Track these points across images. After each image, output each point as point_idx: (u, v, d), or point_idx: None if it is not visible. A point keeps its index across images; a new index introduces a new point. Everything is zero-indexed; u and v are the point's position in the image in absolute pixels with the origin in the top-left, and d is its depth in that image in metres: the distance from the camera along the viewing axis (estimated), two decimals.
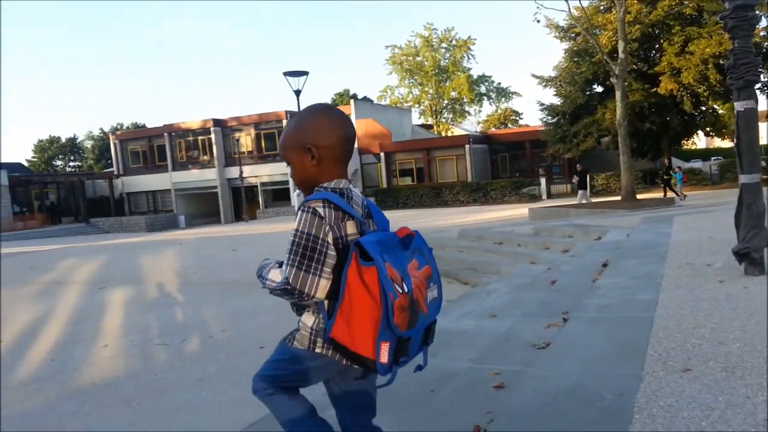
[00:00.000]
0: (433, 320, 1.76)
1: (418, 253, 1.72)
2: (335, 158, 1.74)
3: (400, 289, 1.56)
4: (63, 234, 36.27)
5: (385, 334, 1.55)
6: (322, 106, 1.80)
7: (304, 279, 1.58)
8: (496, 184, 33.11)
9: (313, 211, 1.61)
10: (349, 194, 1.73)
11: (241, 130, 40.79)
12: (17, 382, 6.09)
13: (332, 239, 1.62)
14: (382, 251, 1.58)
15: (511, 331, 4.57)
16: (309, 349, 1.72)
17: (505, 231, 12.90)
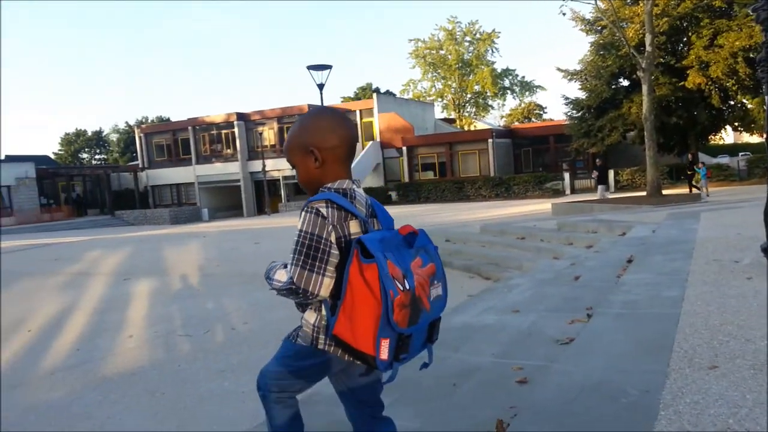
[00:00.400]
0: (437, 317, 1.78)
1: (422, 251, 1.73)
2: (337, 159, 1.76)
3: (402, 287, 1.56)
4: (88, 226, 36.81)
5: (385, 330, 1.56)
6: (323, 109, 1.83)
7: (308, 278, 1.61)
8: (519, 179, 32.87)
9: (315, 212, 1.64)
10: (352, 194, 1.75)
11: (264, 124, 41.01)
12: (43, 372, 6.19)
13: (335, 238, 1.64)
14: (385, 249, 1.60)
15: (534, 326, 4.53)
16: (312, 345, 1.75)
17: (528, 226, 12.80)
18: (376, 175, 38.36)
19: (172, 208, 41.62)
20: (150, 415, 4.69)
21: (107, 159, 76.67)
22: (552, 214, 17.71)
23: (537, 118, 65.77)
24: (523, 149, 37.52)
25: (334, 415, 3.76)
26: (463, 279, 9.63)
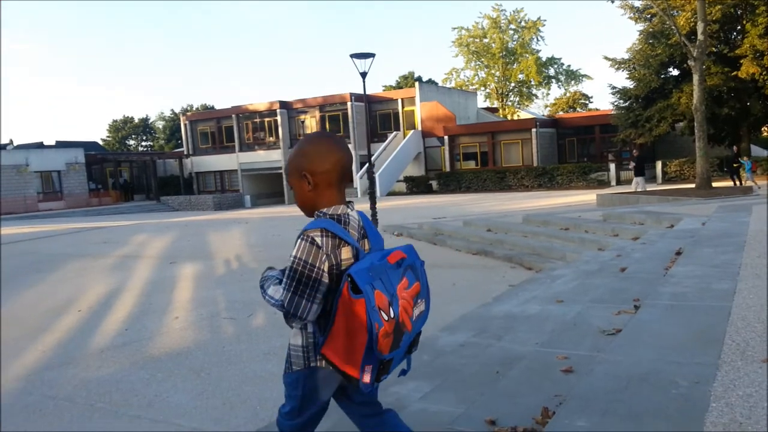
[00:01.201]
0: (418, 331, 1.91)
1: (409, 269, 1.83)
2: (330, 183, 1.84)
3: (386, 317, 1.67)
4: (135, 211, 37.71)
5: (369, 358, 1.68)
6: (318, 134, 1.89)
7: (298, 303, 1.71)
8: (563, 169, 32.34)
9: (311, 241, 1.71)
10: (346, 219, 1.82)
11: (306, 112, 41.26)
12: (93, 350, 6.39)
13: (328, 267, 1.72)
14: (373, 278, 1.68)
15: (579, 316, 4.46)
16: (306, 366, 1.83)
17: (572, 217, 12.60)
18: (417, 164, 38.27)
19: (215, 194, 42.30)
20: (195, 394, 4.80)
21: (153, 146, 78.29)
22: (597, 206, 17.41)
23: (582, 108, 64.55)
24: (568, 139, 36.89)
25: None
26: (505, 269, 9.57)
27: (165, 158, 48.95)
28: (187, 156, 46.00)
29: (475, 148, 36.70)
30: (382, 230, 14.92)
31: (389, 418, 2.06)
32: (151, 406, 4.62)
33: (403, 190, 35.92)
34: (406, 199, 30.29)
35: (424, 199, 29.19)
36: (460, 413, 2.84)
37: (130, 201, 44.06)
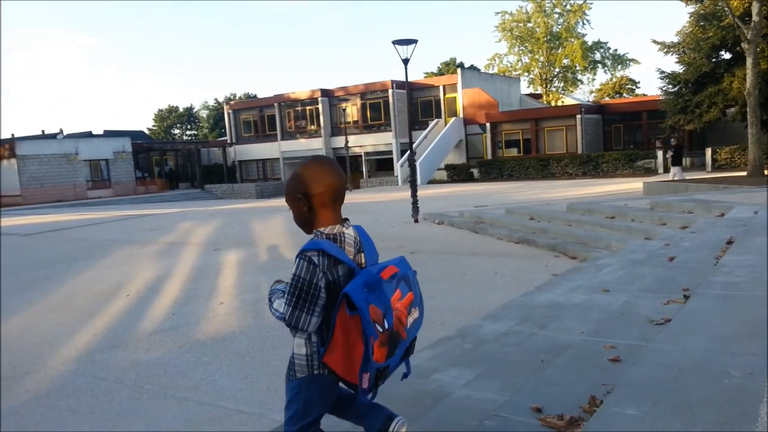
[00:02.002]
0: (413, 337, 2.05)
1: (402, 281, 1.97)
2: (324, 204, 1.96)
3: (381, 328, 1.81)
4: (180, 199, 38.48)
5: (366, 367, 1.81)
6: (313, 158, 2.03)
7: (299, 317, 1.86)
8: (608, 157, 31.66)
9: (309, 260, 1.85)
10: (341, 238, 1.95)
11: (347, 100, 41.35)
12: (142, 334, 6.55)
13: (325, 283, 1.86)
14: (368, 293, 1.81)
15: (627, 306, 4.37)
16: (310, 374, 1.96)
17: (618, 205, 12.34)
18: (458, 152, 38.00)
19: (258, 182, 42.84)
20: (240, 378, 4.88)
21: (197, 134, 79.64)
22: (644, 194, 17.00)
23: (629, 94, 63.00)
24: (614, 126, 36.07)
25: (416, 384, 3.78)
26: (548, 257, 9.43)
27: (209, 147, 49.77)
28: (231, 145, 46.66)
29: (518, 136, 36.22)
30: (423, 218, 14.88)
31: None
32: (198, 389, 4.72)
33: (443, 178, 35.74)
34: (447, 187, 30.13)
35: (465, 187, 29.00)
36: (504, 400, 2.81)
37: (175, 189, 44.98)
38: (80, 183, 39.86)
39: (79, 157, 39.82)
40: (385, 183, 36.79)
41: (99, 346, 6.20)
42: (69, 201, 36.90)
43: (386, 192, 29.70)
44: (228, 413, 4.21)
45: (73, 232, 18.03)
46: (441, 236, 12.42)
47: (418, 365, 4.34)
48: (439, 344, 4.91)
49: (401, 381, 3.43)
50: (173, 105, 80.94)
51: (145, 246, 14.00)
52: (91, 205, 33.73)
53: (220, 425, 4.03)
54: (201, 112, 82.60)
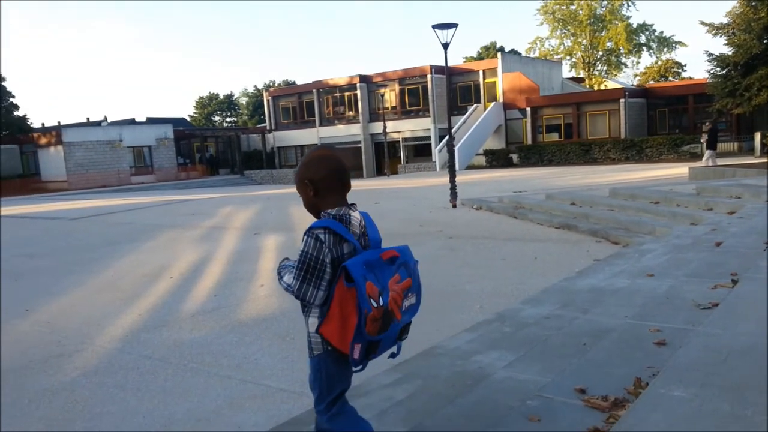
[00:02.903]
0: (408, 321, 2.14)
1: (403, 267, 2.08)
2: (329, 189, 2.11)
3: (375, 304, 1.91)
4: (221, 184, 39.04)
5: (358, 338, 1.92)
6: (317, 148, 2.19)
7: (306, 290, 1.99)
8: (653, 141, 30.89)
9: (315, 237, 1.99)
10: (347, 219, 2.08)
11: (385, 86, 41.22)
12: (185, 314, 6.69)
13: (330, 259, 1.98)
14: (367, 271, 1.94)
15: (672, 290, 4.27)
16: (325, 349, 2.07)
17: (662, 190, 12.07)
18: (497, 137, 37.60)
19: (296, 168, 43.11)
20: (281, 358, 4.94)
21: (237, 121, 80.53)
22: (689, 179, 16.56)
23: (675, 77, 61.29)
24: (658, 110, 35.16)
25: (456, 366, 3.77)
26: (589, 243, 9.28)
27: (248, 133, 50.31)
28: (270, 131, 47.06)
29: (559, 120, 35.62)
30: (461, 204, 14.79)
31: None
32: (240, 368, 4.80)
33: (482, 163, 35.42)
34: (486, 173, 29.87)
35: (504, 173, 28.70)
36: (547, 382, 2.79)
37: (216, 175, 45.64)
38: (124, 169, 40.79)
39: (123, 143, 40.72)
40: (423, 169, 36.65)
41: (144, 325, 6.35)
42: (113, 186, 37.81)
43: (424, 178, 29.61)
44: (270, 391, 4.27)
45: (117, 217, 18.47)
46: (479, 221, 12.33)
47: (457, 347, 4.33)
48: (479, 327, 4.89)
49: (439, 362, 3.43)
50: (214, 92, 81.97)
51: (187, 230, 14.26)
52: (134, 191, 34.49)
53: (261, 403, 4.09)
54: (241, 99, 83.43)
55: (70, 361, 5.34)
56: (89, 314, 7.01)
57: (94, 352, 5.58)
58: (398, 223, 12.82)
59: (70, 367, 5.18)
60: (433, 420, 2.72)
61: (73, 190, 36.71)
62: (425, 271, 8.61)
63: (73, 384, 4.76)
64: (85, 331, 6.30)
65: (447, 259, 8.70)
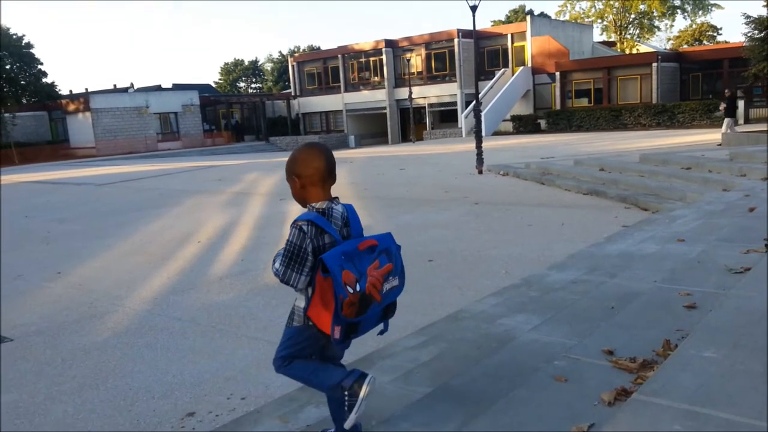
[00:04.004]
0: (391, 301, 2.31)
1: (384, 253, 2.24)
2: (315, 183, 2.26)
3: (352, 290, 2.09)
4: (246, 151, 39.17)
5: (337, 321, 2.12)
6: (306, 145, 2.33)
7: (289, 275, 2.19)
8: (685, 107, 30.13)
9: (299, 228, 2.17)
10: (330, 212, 2.26)
11: (411, 51, 40.66)
12: (213, 278, 6.78)
13: (312, 249, 2.17)
14: (345, 260, 2.11)
15: (703, 255, 4.19)
16: (305, 324, 2.28)
17: (694, 156, 11.81)
18: (525, 102, 37.01)
19: (321, 134, 43.12)
20: None
21: (262, 87, 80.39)
22: (722, 145, 16.19)
23: (710, 41, 59.49)
24: (692, 74, 34.20)
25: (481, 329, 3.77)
26: (618, 209, 9.16)
27: (273, 99, 50.20)
28: (295, 97, 46.92)
29: (589, 85, 34.88)
30: (487, 170, 14.66)
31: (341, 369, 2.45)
32: (267, 329, 4.86)
33: (509, 129, 34.98)
34: (513, 139, 29.51)
35: (531, 139, 28.33)
36: (574, 344, 2.77)
37: (241, 141, 45.77)
38: (151, 135, 41.11)
39: (150, 110, 40.95)
40: (449, 135, 36.34)
41: (173, 288, 6.45)
42: (140, 153, 38.18)
43: (450, 144, 29.37)
44: None
45: (145, 183, 18.69)
46: (505, 187, 12.22)
47: (482, 311, 4.33)
48: (504, 292, 4.87)
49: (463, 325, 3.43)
50: (239, 58, 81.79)
51: (213, 195, 14.38)
52: (161, 157, 34.80)
53: None
54: (266, 65, 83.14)
55: (101, 322, 5.46)
56: (119, 277, 7.14)
57: (124, 313, 5.70)
58: (423, 189, 12.77)
59: (101, 328, 5.29)
60: (459, 380, 2.73)
61: (101, 156, 37.17)
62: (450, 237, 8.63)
63: (104, 344, 4.88)
64: (115, 293, 6.43)
65: (472, 225, 8.66)
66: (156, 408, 3.66)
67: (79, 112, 39.88)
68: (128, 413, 3.62)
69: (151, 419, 3.52)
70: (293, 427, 2.78)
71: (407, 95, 37.35)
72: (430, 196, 11.70)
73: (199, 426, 3.38)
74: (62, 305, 6.09)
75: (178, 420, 3.48)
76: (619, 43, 50.34)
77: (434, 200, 11.15)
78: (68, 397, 3.92)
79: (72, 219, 12.05)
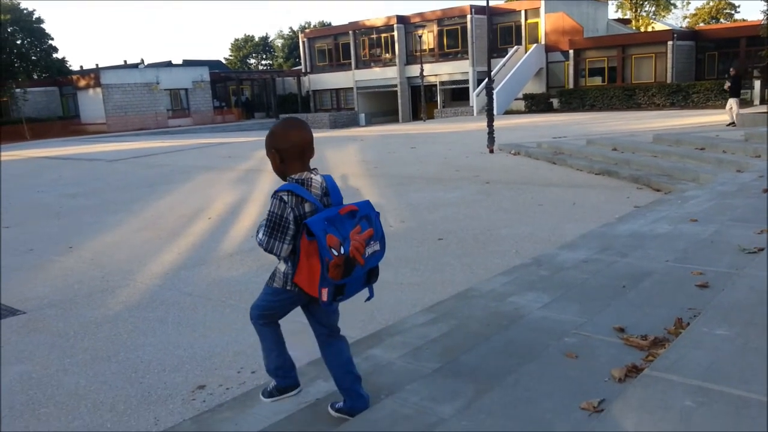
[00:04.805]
0: (374, 266, 2.45)
1: (364, 219, 2.36)
2: (294, 156, 2.39)
3: (336, 252, 2.20)
4: (256, 128, 39.07)
5: (324, 282, 2.24)
6: (284, 120, 2.47)
7: (272, 244, 2.31)
8: (700, 86, 29.71)
9: (280, 199, 2.29)
10: (308, 182, 2.38)
11: (423, 27, 40.22)
12: (223, 253, 6.81)
13: (293, 217, 2.28)
14: (328, 225, 2.22)
15: (717, 235, 4.16)
16: (283, 287, 2.44)
17: (708, 136, 11.69)
18: (537, 80, 36.61)
19: (331, 112, 42.89)
20: None
21: (272, 64, 79.99)
22: (737, 125, 15.99)
23: (727, 19, 58.52)
24: (708, 53, 33.68)
25: (491, 307, 3.77)
26: (630, 189, 9.09)
27: (284, 76, 49.96)
28: (305, 74, 46.67)
29: (603, 63, 34.44)
30: (498, 149, 14.57)
31: (341, 345, 2.65)
32: None
33: (521, 108, 34.67)
34: (524, 118, 29.29)
35: (543, 118, 28.10)
36: (584, 321, 2.75)
37: (251, 119, 45.67)
38: (161, 112, 41.08)
39: (160, 86, 40.87)
40: (460, 113, 36.08)
41: (184, 263, 6.49)
42: (150, 129, 38.17)
43: (461, 122, 29.19)
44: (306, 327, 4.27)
45: (155, 159, 18.73)
46: (517, 167, 12.15)
47: (492, 290, 4.32)
48: (514, 271, 4.87)
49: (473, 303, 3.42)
50: (249, 34, 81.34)
51: (223, 172, 14.40)
52: (171, 134, 34.81)
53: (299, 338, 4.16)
54: (276, 41, 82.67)
55: (113, 296, 5.50)
56: (130, 252, 7.19)
57: (135, 287, 5.74)
58: (434, 167, 12.72)
59: (113, 302, 5.34)
60: (468, 356, 2.73)
61: (112, 132, 37.23)
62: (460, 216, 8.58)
63: (116, 317, 4.92)
64: (126, 267, 6.47)
65: (483, 204, 8.63)
66: (167, 381, 3.70)
67: (90, 87, 39.87)
68: (139, 385, 3.66)
69: (162, 391, 3.56)
70: (303, 400, 2.80)
71: (418, 73, 37.03)
72: (441, 174, 11.66)
73: (210, 399, 3.41)
74: (74, 279, 6.14)
75: (188, 392, 3.52)
76: (635, 21, 49.65)
77: (445, 179, 11.11)
78: (80, 368, 3.97)
79: (84, 194, 12.12)
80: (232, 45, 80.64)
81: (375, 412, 2.39)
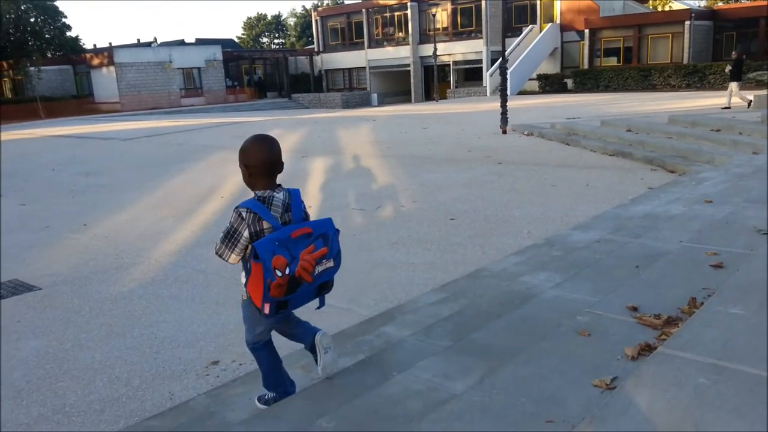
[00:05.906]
0: (327, 280, 2.60)
1: (320, 238, 2.50)
2: (260, 174, 2.50)
3: (281, 273, 2.35)
4: (268, 108, 39.04)
5: (266, 298, 2.40)
6: (255, 138, 2.57)
7: (223, 250, 2.48)
8: (717, 68, 29.26)
9: (239, 214, 2.44)
10: (270, 200, 2.49)
11: (437, 5, 39.80)
12: None
13: (249, 233, 2.42)
14: (277, 246, 2.36)
15: (731, 216, 4.12)
16: (248, 299, 2.55)
17: (725, 117, 11.55)
18: (552, 60, 36.21)
19: (343, 92, 42.72)
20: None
21: (285, 43, 79.65)
22: (755, 107, 15.76)
23: None
24: (726, 34, 33.11)
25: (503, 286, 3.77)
26: (644, 171, 9.01)
27: (296, 56, 49.75)
28: (318, 53, 46.44)
29: (618, 44, 33.98)
30: (511, 130, 14.48)
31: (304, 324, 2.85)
32: None
33: (534, 89, 34.36)
34: (538, 98, 29.04)
35: (557, 98, 27.85)
36: (597, 300, 2.75)
37: (264, 98, 45.56)
38: (174, 91, 41.07)
39: (173, 65, 40.83)
40: (473, 94, 35.81)
41: (197, 241, 6.53)
42: (164, 108, 38.22)
43: (474, 103, 28.99)
44: None
45: (169, 138, 18.79)
46: (530, 148, 12.08)
47: (504, 270, 4.33)
48: (526, 251, 4.86)
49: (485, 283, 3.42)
50: (262, 13, 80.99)
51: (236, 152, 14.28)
52: (184, 113, 34.87)
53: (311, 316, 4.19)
54: (289, 19, 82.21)
55: (127, 273, 5.56)
56: (144, 230, 7.24)
57: (149, 265, 5.79)
58: (446, 148, 12.67)
59: (127, 279, 5.39)
60: (480, 334, 2.74)
61: (125, 111, 37.31)
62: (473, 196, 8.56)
63: (131, 294, 4.97)
64: (140, 245, 6.53)
65: (495, 184, 8.60)
66: (181, 356, 3.74)
67: (103, 66, 39.90)
68: (154, 360, 3.71)
69: (176, 367, 3.61)
70: (315, 375, 2.82)
71: (432, 52, 36.71)
72: (453, 155, 11.62)
73: (223, 374, 3.45)
74: (89, 256, 6.20)
75: (202, 368, 3.56)
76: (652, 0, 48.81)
77: (457, 159, 11.07)
78: (95, 344, 4.02)
79: (98, 173, 12.19)
80: (245, 23, 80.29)
81: (387, 387, 2.41)
